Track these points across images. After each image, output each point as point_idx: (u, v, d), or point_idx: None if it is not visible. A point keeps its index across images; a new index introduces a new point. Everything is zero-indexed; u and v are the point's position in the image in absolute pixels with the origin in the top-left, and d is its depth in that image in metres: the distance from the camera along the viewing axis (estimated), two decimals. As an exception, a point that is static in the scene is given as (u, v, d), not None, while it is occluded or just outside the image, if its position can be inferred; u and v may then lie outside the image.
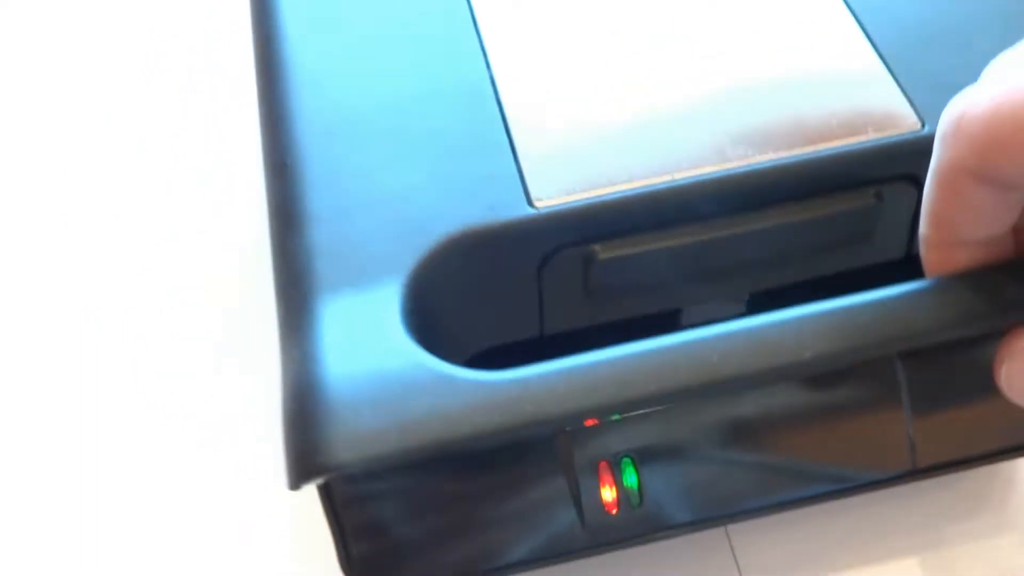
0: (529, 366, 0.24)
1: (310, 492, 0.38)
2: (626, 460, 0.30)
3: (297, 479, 0.23)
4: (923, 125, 0.30)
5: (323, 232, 0.28)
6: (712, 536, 0.36)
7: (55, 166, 0.48)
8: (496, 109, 0.31)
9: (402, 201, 0.29)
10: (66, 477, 0.39)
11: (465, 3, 0.33)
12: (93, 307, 0.43)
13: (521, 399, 0.23)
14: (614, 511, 0.30)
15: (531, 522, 0.30)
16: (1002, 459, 0.33)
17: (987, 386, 0.25)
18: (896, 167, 0.30)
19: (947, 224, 0.24)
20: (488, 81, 0.31)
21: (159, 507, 0.38)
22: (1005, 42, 0.31)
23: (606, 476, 0.30)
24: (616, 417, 0.29)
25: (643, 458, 0.30)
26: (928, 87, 0.31)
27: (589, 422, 0.29)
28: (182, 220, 0.46)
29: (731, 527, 0.36)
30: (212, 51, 0.52)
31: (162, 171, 0.48)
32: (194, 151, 0.48)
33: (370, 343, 0.25)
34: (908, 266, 0.33)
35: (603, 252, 0.29)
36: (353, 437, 0.23)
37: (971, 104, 0.22)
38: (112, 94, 0.51)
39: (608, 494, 0.30)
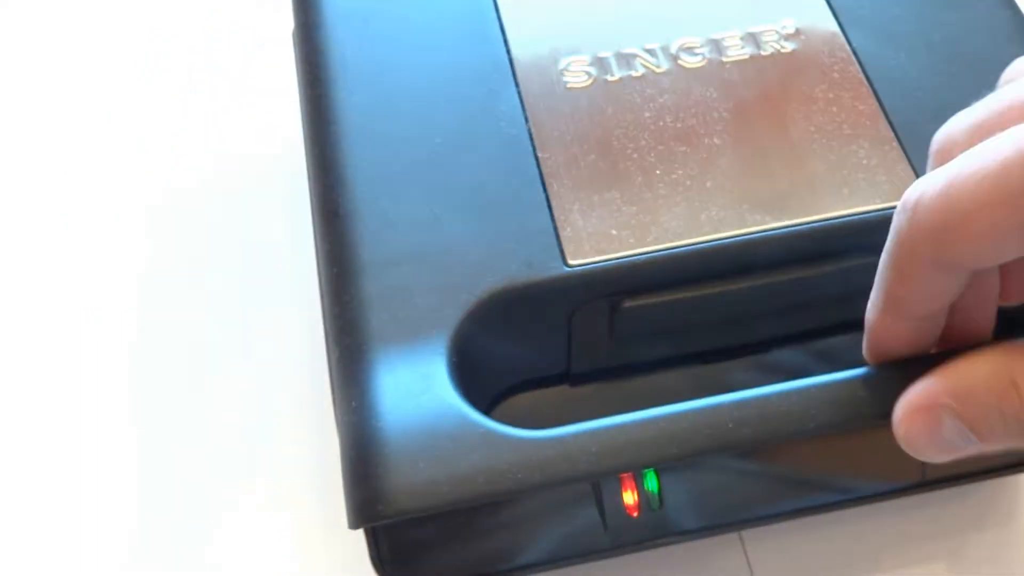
0: (565, 426, 0.27)
1: (306, 493, 0.40)
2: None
3: (359, 523, 0.26)
4: (927, 197, 0.32)
5: (375, 283, 0.31)
6: (726, 541, 0.38)
7: (55, 166, 0.49)
8: (534, 164, 0.33)
9: (447, 255, 0.31)
10: (62, 475, 0.40)
11: (505, 57, 0.36)
12: (93, 307, 0.45)
13: (559, 458, 0.26)
14: (635, 514, 0.32)
15: (555, 523, 0.33)
16: (1010, 473, 0.35)
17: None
18: (900, 235, 0.33)
19: (898, 304, 0.25)
20: (527, 135, 0.34)
21: (155, 506, 0.40)
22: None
23: (628, 481, 0.32)
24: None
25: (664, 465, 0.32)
26: (933, 160, 0.33)
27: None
28: (182, 220, 0.47)
29: (745, 533, 0.38)
30: (212, 51, 0.52)
31: (162, 171, 0.49)
32: (194, 151, 0.49)
33: (422, 398, 0.28)
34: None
35: (628, 304, 0.32)
36: (410, 490, 0.26)
37: (924, 190, 0.23)
38: (112, 94, 0.51)
39: (629, 498, 0.32)
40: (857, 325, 0.37)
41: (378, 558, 0.32)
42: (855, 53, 0.36)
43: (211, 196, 0.48)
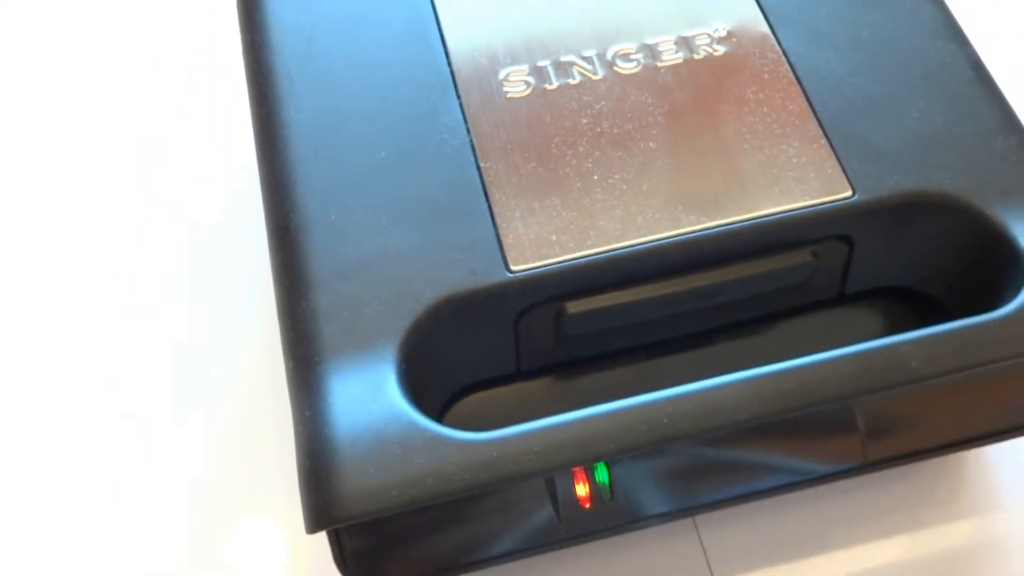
0: (508, 427, 0.28)
1: (286, 496, 0.41)
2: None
3: (314, 528, 0.28)
4: (853, 193, 0.34)
5: (324, 296, 0.32)
6: (681, 527, 0.40)
7: (55, 166, 0.50)
8: (476, 174, 0.34)
9: (394, 266, 0.32)
10: (54, 470, 0.41)
11: (447, 69, 0.37)
12: (91, 307, 0.46)
13: (501, 459, 0.28)
14: (587, 505, 0.34)
15: (512, 517, 0.34)
16: (949, 452, 0.37)
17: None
18: (829, 229, 0.34)
19: None
20: (469, 147, 0.35)
21: (141, 511, 0.41)
22: (932, 109, 0.35)
23: (579, 473, 0.33)
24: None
25: None
26: (860, 156, 0.35)
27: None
28: (181, 220, 0.48)
29: (699, 519, 0.40)
30: (212, 51, 0.53)
31: (162, 171, 0.49)
32: (194, 151, 0.50)
33: (371, 406, 0.29)
34: (840, 303, 0.38)
35: (572, 308, 0.33)
36: (361, 494, 0.27)
37: None
38: (112, 94, 0.52)
39: (581, 490, 0.34)
40: (793, 314, 0.39)
41: (341, 559, 0.33)
42: (785, 54, 0.37)
43: (210, 197, 0.48)
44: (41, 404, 0.43)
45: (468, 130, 0.35)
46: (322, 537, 0.34)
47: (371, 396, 0.29)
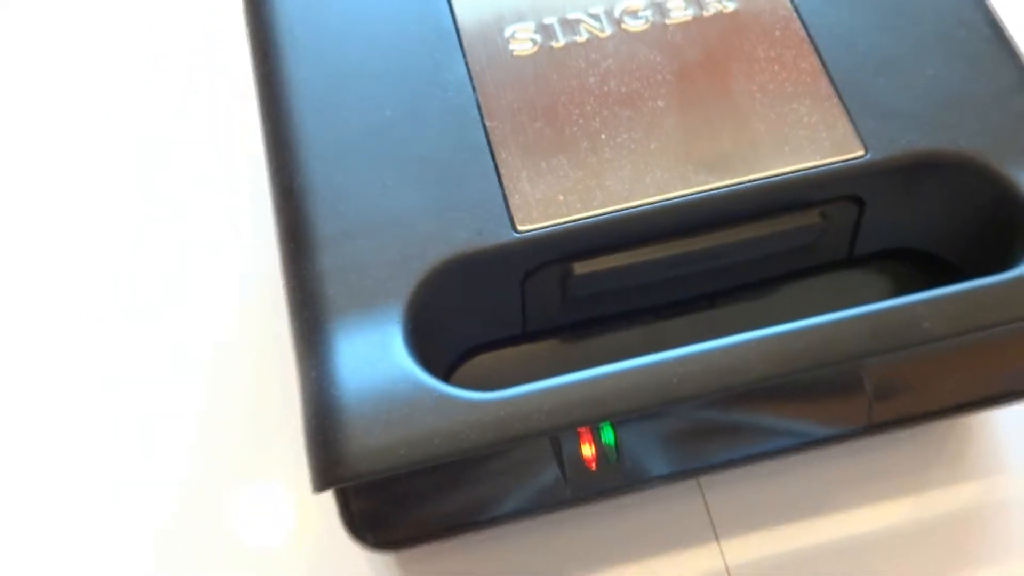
0: (516, 387, 0.28)
1: (294, 463, 0.41)
2: (604, 418, 0.33)
3: (321, 487, 0.28)
4: (866, 151, 0.33)
5: (330, 257, 0.32)
6: (686, 488, 0.40)
7: (55, 166, 0.50)
8: (482, 133, 0.34)
9: (399, 226, 0.32)
10: (53, 463, 0.41)
11: (452, 26, 0.36)
12: (92, 306, 0.45)
13: (509, 418, 0.27)
14: (593, 467, 0.34)
15: (519, 478, 0.34)
16: (956, 415, 0.37)
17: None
18: (839, 189, 0.34)
19: None
20: (475, 106, 0.34)
21: (145, 485, 0.41)
22: (948, 67, 0.34)
23: (585, 434, 0.33)
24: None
25: None
26: (873, 115, 0.34)
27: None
28: (181, 220, 0.47)
29: (703, 480, 0.40)
30: (212, 51, 0.53)
31: (162, 171, 0.49)
32: (194, 151, 0.50)
33: (378, 365, 0.29)
34: (848, 266, 0.38)
35: (579, 268, 0.33)
36: (367, 453, 0.27)
37: None
38: (112, 94, 0.52)
39: (588, 451, 0.34)
40: (800, 276, 0.38)
41: (348, 518, 0.33)
42: (797, 10, 0.37)
43: (210, 196, 0.48)
44: (41, 403, 0.43)
45: (474, 89, 0.35)
46: (328, 500, 0.34)
47: (378, 356, 0.29)
